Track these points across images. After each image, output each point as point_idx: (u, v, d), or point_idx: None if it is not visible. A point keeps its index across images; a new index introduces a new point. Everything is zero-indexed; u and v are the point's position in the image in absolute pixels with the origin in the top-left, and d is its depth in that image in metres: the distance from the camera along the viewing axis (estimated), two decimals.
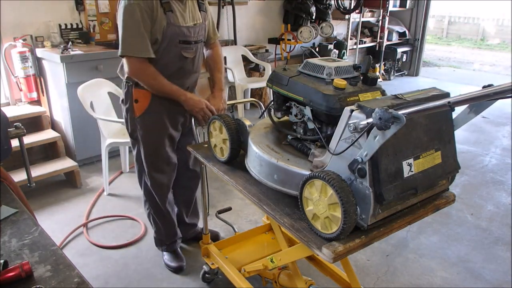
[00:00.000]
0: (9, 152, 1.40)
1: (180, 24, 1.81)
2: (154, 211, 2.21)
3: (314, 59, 1.39)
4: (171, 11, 1.77)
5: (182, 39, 1.83)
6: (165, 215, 2.21)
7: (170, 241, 2.30)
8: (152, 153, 2.02)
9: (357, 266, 2.32)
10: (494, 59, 10.49)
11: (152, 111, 1.92)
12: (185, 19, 1.83)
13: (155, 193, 2.13)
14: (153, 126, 1.95)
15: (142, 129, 1.95)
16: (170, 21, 1.77)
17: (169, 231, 2.28)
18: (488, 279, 2.28)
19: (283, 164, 1.29)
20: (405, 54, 7.29)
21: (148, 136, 1.97)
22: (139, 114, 1.92)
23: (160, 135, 1.98)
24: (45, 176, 3.04)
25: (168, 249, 2.32)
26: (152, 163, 2.05)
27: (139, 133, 1.97)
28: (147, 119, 1.93)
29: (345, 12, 6.06)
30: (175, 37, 1.80)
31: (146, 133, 1.96)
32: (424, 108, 1.03)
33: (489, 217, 2.90)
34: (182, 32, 1.82)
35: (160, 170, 2.07)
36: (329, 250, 1.08)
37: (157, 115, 1.93)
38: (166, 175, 2.11)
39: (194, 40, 1.88)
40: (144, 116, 1.92)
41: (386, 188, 1.05)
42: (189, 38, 1.86)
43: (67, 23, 3.57)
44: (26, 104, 3.42)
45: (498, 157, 4.00)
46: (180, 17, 1.81)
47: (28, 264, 0.98)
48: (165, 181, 2.12)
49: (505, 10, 12.12)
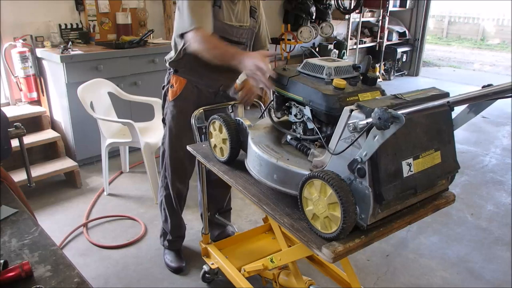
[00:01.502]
0: (9, 152, 1.40)
1: (225, 21, 1.87)
2: (166, 201, 2.24)
3: (314, 59, 1.39)
4: (219, 6, 1.84)
5: (222, 35, 1.87)
6: (175, 209, 2.24)
7: (173, 237, 2.32)
8: (175, 138, 2.08)
9: (357, 266, 2.32)
10: (494, 59, 10.49)
11: (183, 98, 2.00)
12: (230, 17, 1.89)
13: (171, 180, 2.16)
14: (181, 112, 2.02)
15: (172, 113, 2.04)
16: (216, 15, 1.83)
17: (174, 225, 2.30)
18: (488, 279, 2.28)
19: (283, 164, 1.29)
20: (405, 54, 7.29)
21: (175, 121, 2.05)
22: (172, 98, 2.02)
23: (185, 122, 2.03)
24: (45, 176, 3.04)
25: (170, 247, 2.33)
26: (172, 148, 2.10)
27: (168, 117, 2.07)
28: (177, 104, 2.02)
29: (345, 12, 6.06)
30: (216, 31, 1.85)
31: (173, 117, 2.04)
32: (423, 108, 1.03)
33: (489, 217, 2.90)
34: (224, 28, 1.87)
35: (178, 158, 2.11)
36: (329, 250, 1.09)
37: (186, 103, 2.00)
38: (184, 166, 2.14)
39: (235, 40, 1.93)
40: (176, 101, 2.01)
41: (385, 188, 1.05)
42: (230, 37, 1.90)
43: (67, 23, 3.57)
44: (26, 104, 3.42)
45: (498, 157, 4.00)
46: (226, 15, 1.87)
47: (28, 264, 0.98)
48: (182, 170, 2.15)
49: (505, 10, 12.13)
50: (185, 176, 2.19)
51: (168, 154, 2.12)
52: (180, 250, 2.37)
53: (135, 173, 3.47)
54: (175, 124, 2.05)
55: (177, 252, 2.34)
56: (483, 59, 10.52)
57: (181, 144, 2.04)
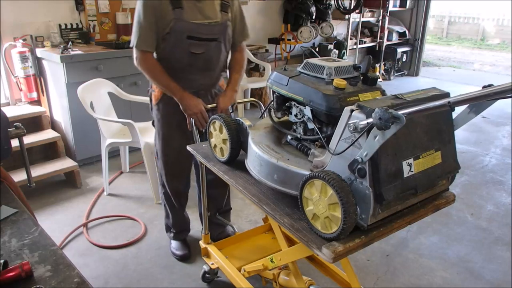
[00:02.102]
0: (9, 152, 1.40)
1: (190, 20, 1.85)
2: (165, 198, 2.29)
3: (314, 59, 1.39)
4: (180, 7, 1.83)
5: (190, 35, 1.86)
6: (174, 205, 2.28)
7: (177, 230, 2.38)
8: (163, 140, 2.11)
9: (357, 266, 2.32)
10: (494, 59, 10.49)
11: (165, 101, 2.02)
12: (196, 16, 1.87)
13: (165, 180, 2.20)
14: (165, 115, 2.05)
15: (157, 116, 2.08)
16: (177, 16, 1.83)
17: (176, 221, 2.35)
18: (488, 279, 2.28)
19: (283, 164, 1.28)
20: (405, 54, 7.29)
21: (160, 123, 2.08)
22: (155, 102, 2.05)
23: (170, 124, 2.06)
24: (45, 176, 3.04)
25: (175, 238, 2.39)
26: (162, 150, 2.13)
27: (155, 120, 2.11)
28: (160, 107, 2.05)
29: (345, 12, 6.06)
30: (182, 32, 1.85)
31: (159, 120, 2.08)
32: (424, 108, 1.03)
33: (489, 217, 2.90)
34: (191, 28, 1.86)
35: (169, 159, 2.14)
36: (329, 250, 1.08)
37: (168, 106, 2.01)
38: (176, 165, 2.16)
39: (205, 37, 1.91)
40: (158, 105, 2.05)
41: (386, 188, 1.05)
42: (199, 35, 1.88)
43: (67, 23, 3.57)
44: (26, 104, 3.42)
45: (498, 157, 4.00)
46: (191, 14, 1.86)
47: (28, 264, 0.98)
48: (175, 170, 2.18)
49: (505, 10, 12.13)
50: (179, 175, 2.21)
51: (160, 156, 2.15)
52: (185, 239, 2.43)
53: (135, 173, 3.47)
54: (161, 127, 2.07)
55: (182, 241, 2.40)
56: (483, 59, 10.52)
57: (171, 145, 2.10)
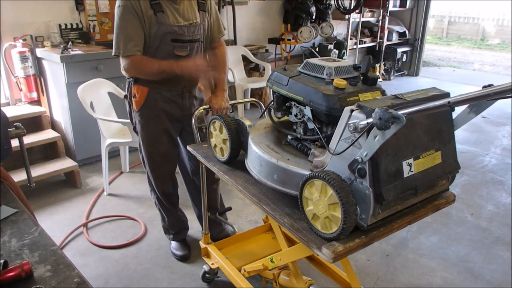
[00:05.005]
0: (9, 152, 1.40)
1: (172, 23, 1.86)
2: (158, 202, 2.30)
3: (314, 59, 1.39)
4: (161, 11, 1.83)
5: (174, 38, 1.87)
6: (167, 207, 2.29)
7: (175, 231, 2.38)
8: (149, 146, 2.10)
9: (357, 266, 2.32)
10: (494, 59, 10.48)
11: (148, 106, 1.99)
12: (177, 18, 1.88)
13: (155, 185, 2.21)
14: (149, 120, 2.03)
15: (140, 122, 2.05)
16: (161, 21, 1.83)
17: (173, 222, 2.36)
18: (488, 279, 2.28)
19: (283, 164, 1.28)
20: (405, 54, 7.29)
21: (145, 130, 2.05)
22: (137, 108, 2.01)
23: (156, 129, 2.05)
24: (45, 176, 3.04)
25: (175, 239, 2.40)
26: (149, 156, 2.12)
27: (138, 126, 2.07)
28: (144, 113, 2.02)
29: (345, 12, 6.05)
30: (166, 36, 1.86)
31: (143, 126, 2.05)
32: (424, 108, 1.03)
33: (489, 217, 2.90)
34: (174, 31, 1.86)
35: (157, 164, 2.14)
36: (329, 250, 1.08)
37: (152, 110, 2.00)
38: (164, 169, 2.17)
39: (188, 39, 1.92)
40: (141, 110, 2.01)
41: (386, 188, 1.05)
42: (182, 37, 1.90)
43: (67, 23, 3.57)
44: (26, 104, 3.42)
45: (498, 157, 4.00)
46: (171, 17, 1.86)
47: (28, 264, 0.98)
48: (163, 174, 2.18)
49: (505, 10, 12.12)
50: (167, 178, 2.21)
51: (147, 161, 2.14)
52: (185, 239, 2.43)
53: (135, 173, 3.47)
54: (146, 133, 2.06)
55: (182, 241, 2.41)
56: (483, 59, 10.52)
57: (157, 150, 2.09)
